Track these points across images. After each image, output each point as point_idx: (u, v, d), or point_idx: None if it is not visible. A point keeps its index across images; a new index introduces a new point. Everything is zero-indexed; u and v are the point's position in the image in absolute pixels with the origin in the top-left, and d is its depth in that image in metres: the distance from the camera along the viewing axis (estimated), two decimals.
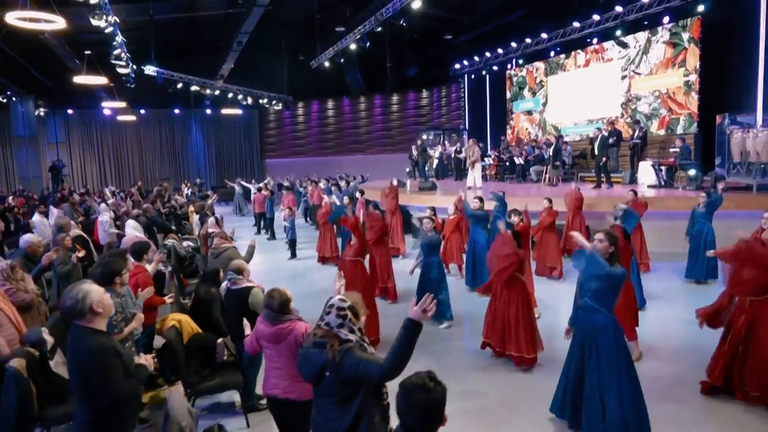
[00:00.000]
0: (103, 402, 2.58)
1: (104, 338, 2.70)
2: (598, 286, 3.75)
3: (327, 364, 2.54)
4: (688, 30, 14.33)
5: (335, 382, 2.55)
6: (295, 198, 15.38)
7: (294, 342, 3.20)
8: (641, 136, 14.01)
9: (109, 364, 2.64)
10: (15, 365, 3.65)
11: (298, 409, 3.22)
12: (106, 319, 2.78)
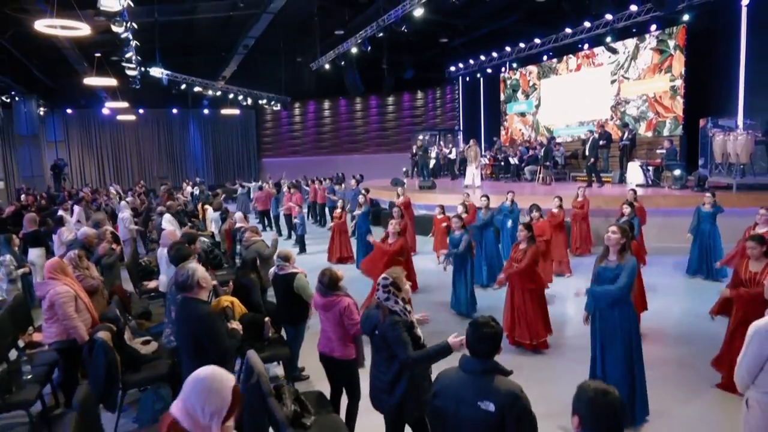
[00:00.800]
0: (212, 357, 3.20)
1: (209, 307, 3.34)
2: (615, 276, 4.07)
3: (377, 324, 3.19)
4: (674, 38, 15.14)
5: (382, 341, 3.19)
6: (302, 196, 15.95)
7: (339, 313, 3.85)
8: (630, 138, 14.80)
9: (216, 327, 3.28)
10: (102, 337, 4.26)
11: (341, 365, 3.89)
12: (208, 292, 3.41)
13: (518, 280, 5.69)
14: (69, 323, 4.44)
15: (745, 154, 10.93)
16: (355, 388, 3.96)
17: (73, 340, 4.53)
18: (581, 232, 10.01)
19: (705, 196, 8.59)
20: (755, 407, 2.86)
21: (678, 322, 6.79)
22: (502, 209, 9.40)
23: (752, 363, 2.81)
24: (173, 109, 30.42)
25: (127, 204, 11.24)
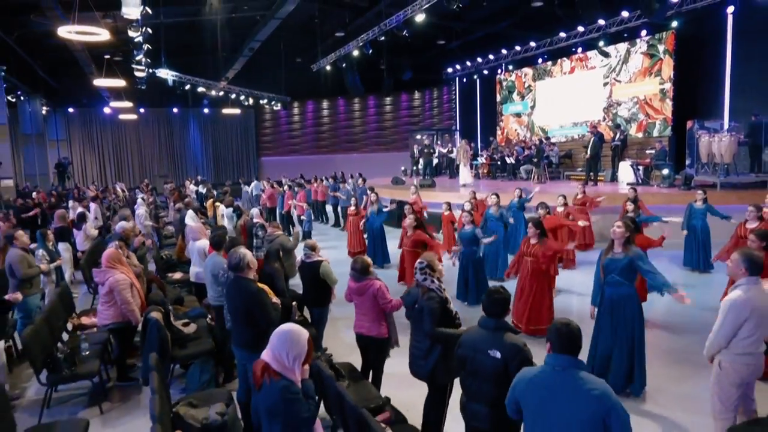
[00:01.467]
0: (262, 325, 3.80)
1: (257, 285, 3.93)
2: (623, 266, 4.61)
3: (418, 299, 3.77)
4: (663, 42, 15.81)
5: (420, 314, 3.77)
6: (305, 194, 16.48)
7: (372, 295, 4.42)
8: (622, 139, 15.46)
9: (265, 301, 3.88)
10: (155, 316, 4.83)
11: (376, 343, 4.47)
12: (254, 272, 4.01)
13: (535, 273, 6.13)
14: (127, 307, 5.01)
15: (728, 154, 11.60)
16: (380, 366, 4.54)
17: (128, 322, 5.10)
18: (584, 228, 10.50)
19: (697, 193, 9.11)
20: (728, 368, 3.46)
21: (675, 312, 7.18)
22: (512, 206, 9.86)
23: (730, 331, 3.41)
24: (174, 109, 30.84)
25: (143, 201, 11.76)
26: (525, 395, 2.48)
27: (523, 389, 2.49)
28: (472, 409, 2.96)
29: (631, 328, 4.65)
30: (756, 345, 3.36)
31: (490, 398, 2.87)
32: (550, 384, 2.40)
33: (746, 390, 3.47)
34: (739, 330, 3.35)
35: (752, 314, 3.31)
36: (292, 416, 2.50)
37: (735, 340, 3.38)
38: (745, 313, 3.32)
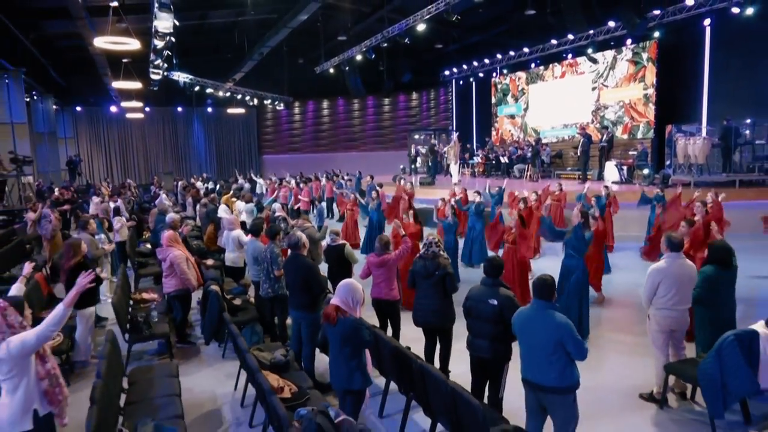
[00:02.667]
0: (315, 291, 4.90)
1: (310, 260, 5.03)
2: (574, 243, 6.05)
3: (438, 268, 4.84)
4: (647, 51, 16.98)
5: (439, 279, 4.85)
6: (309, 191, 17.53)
7: (390, 265, 5.53)
8: (608, 140, 16.62)
9: (317, 272, 4.99)
10: (214, 288, 5.92)
11: (391, 304, 5.58)
12: (307, 251, 5.10)
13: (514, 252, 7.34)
14: (184, 276, 6.09)
15: (702, 155, 12.79)
16: (397, 323, 5.65)
17: (186, 289, 6.19)
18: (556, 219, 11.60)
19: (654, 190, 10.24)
20: (652, 318, 4.62)
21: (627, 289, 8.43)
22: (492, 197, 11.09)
23: (649, 291, 4.56)
24: (178, 108, 31.70)
25: (167, 196, 12.81)
26: (518, 326, 3.60)
27: (517, 322, 3.61)
28: (477, 344, 4.07)
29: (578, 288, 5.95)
30: (672, 302, 4.47)
31: (489, 334, 3.98)
32: (533, 318, 3.51)
33: (674, 338, 4.60)
34: (656, 290, 4.49)
35: (665, 279, 4.44)
36: (359, 340, 3.61)
37: (655, 299, 4.52)
38: (659, 278, 4.47)
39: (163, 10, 10.08)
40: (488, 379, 4.11)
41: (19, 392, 3.07)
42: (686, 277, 4.53)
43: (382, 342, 4.29)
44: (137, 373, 4.64)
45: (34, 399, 3.10)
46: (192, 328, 6.75)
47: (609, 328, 6.69)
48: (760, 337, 4.06)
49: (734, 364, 3.90)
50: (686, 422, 4.38)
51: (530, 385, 3.55)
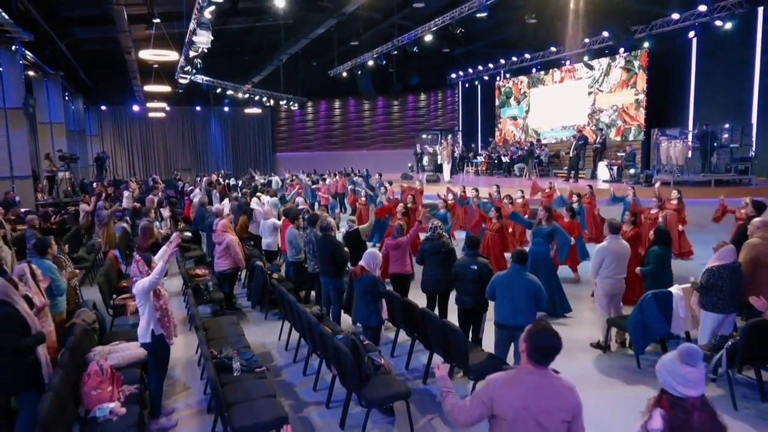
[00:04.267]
0: (339, 262, 6.38)
1: (336, 239, 6.51)
2: (545, 233, 7.40)
3: (443, 246, 6.25)
4: (638, 59, 18.30)
5: (444, 255, 6.27)
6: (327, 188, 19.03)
7: (404, 246, 6.97)
8: (601, 142, 17.97)
9: (342, 248, 6.47)
10: (259, 264, 7.41)
11: (404, 278, 7.01)
12: (335, 231, 6.58)
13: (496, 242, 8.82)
14: (237, 257, 7.57)
15: (682, 157, 14.12)
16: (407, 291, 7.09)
17: (237, 267, 7.68)
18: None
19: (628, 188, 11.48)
20: (598, 285, 6.02)
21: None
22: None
23: (597, 265, 5.94)
24: (197, 107, 33.27)
25: (200, 191, 14.35)
26: (498, 284, 4.99)
27: (497, 281, 5.03)
28: (463, 299, 5.51)
29: (546, 272, 7.21)
30: (613, 273, 5.86)
31: (471, 291, 5.42)
32: (510, 277, 4.93)
33: (614, 301, 6.02)
34: (602, 263, 5.90)
35: (608, 255, 5.85)
36: (376, 291, 5.10)
37: (601, 270, 5.92)
38: (604, 254, 5.87)
39: (202, 28, 11.55)
40: (471, 325, 5.57)
41: (145, 316, 4.54)
42: (623, 253, 5.95)
43: (395, 299, 5.75)
44: (208, 323, 6.13)
45: (151, 322, 4.55)
46: (236, 299, 8.23)
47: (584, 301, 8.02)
48: (673, 297, 5.50)
49: (651, 314, 5.33)
50: (620, 360, 5.81)
51: (506, 327, 4.88)
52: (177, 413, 4.84)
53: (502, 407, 2.51)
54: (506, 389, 2.54)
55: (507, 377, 2.60)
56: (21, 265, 4.66)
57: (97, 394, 4.03)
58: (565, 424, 2.48)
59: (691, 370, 2.34)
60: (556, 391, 2.50)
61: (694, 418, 2.28)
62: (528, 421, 2.47)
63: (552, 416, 2.46)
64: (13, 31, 13.35)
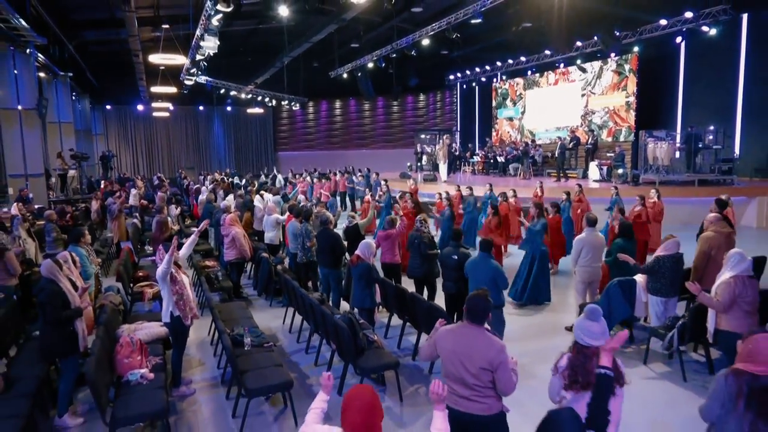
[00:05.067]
0: (338, 252, 7.03)
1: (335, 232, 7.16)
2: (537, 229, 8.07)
3: (422, 240, 6.93)
4: (628, 63, 18.92)
5: (420, 245, 6.93)
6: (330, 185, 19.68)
7: (393, 238, 7.60)
8: (593, 142, 18.59)
9: (340, 239, 7.16)
10: (265, 255, 8.05)
11: (394, 266, 7.65)
12: (333, 224, 7.22)
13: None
14: (242, 248, 8.21)
15: (667, 158, 14.75)
16: (399, 279, 7.74)
17: (243, 257, 8.33)
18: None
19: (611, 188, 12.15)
20: (577, 274, 6.67)
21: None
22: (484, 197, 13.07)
23: (576, 255, 6.59)
24: (200, 107, 33.90)
25: (206, 189, 14.99)
26: (468, 269, 5.68)
27: (468, 266, 5.70)
28: (446, 285, 6.17)
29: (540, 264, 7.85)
30: (589, 261, 6.52)
31: (453, 278, 6.07)
32: (478, 263, 5.60)
33: (591, 287, 6.66)
34: (580, 253, 6.55)
35: (585, 245, 6.50)
36: (370, 277, 5.74)
37: (579, 259, 6.58)
38: (581, 245, 6.53)
39: (210, 34, 12.19)
40: (456, 310, 6.23)
41: (165, 299, 5.18)
42: (598, 244, 6.60)
43: (388, 284, 6.40)
44: (219, 307, 6.77)
45: (170, 305, 5.18)
46: (242, 288, 8.88)
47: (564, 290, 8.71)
48: (637, 284, 6.14)
49: (616, 299, 5.98)
50: None
51: None
52: (194, 384, 5.49)
53: (440, 349, 3.32)
54: (444, 337, 3.31)
55: (449, 329, 3.36)
56: (64, 252, 5.31)
57: (129, 362, 4.67)
58: (486, 372, 3.13)
59: (593, 324, 3.03)
60: (481, 345, 3.17)
61: (592, 362, 2.93)
62: (454, 361, 3.19)
63: (473, 361, 3.14)
64: (28, 36, 13.98)
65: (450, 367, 3.23)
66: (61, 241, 8.85)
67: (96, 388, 3.96)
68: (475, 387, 3.14)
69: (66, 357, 4.61)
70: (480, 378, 3.13)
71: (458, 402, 3.20)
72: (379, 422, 2.29)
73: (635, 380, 5.45)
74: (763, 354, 2.71)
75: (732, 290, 4.54)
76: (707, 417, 2.90)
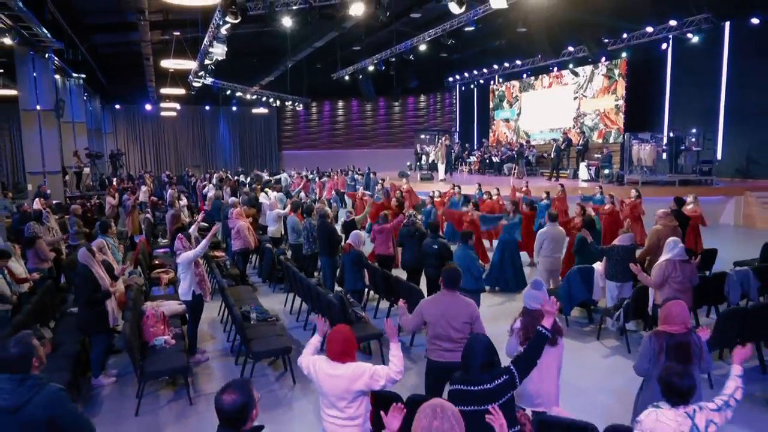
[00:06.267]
0: (333, 242, 7.90)
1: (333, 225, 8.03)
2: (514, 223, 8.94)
3: (417, 230, 7.78)
4: (618, 67, 19.72)
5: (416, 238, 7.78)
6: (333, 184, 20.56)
7: (386, 232, 8.46)
8: (583, 144, 19.40)
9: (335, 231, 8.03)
10: (269, 246, 8.92)
11: (387, 258, 8.50)
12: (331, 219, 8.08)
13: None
14: (247, 239, 9.09)
15: (650, 159, 15.55)
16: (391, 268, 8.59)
17: (247, 248, 9.20)
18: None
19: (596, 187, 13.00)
20: (539, 263, 7.54)
21: None
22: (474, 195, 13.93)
23: (538, 246, 7.47)
24: (206, 106, 34.76)
25: (213, 186, 15.89)
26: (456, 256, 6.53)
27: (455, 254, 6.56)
28: (427, 270, 7.03)
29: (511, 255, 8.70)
30: (551, 252, 7.39)
31: (433, 265, 6.90)
32: (457, 252, 6.46)
33: (553, 275, 7.51)
34: (542, 245, 7.40)
35: (547, 238, 7.36)
36: (360, 262, 6.61)
37: (542, 250, 7.44)
38: (543, 237, 7.40)
39: (218, 42, 13.07)
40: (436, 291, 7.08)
41: (187, 281, 6.05)
42: (559, 237, 7.47)
43: (376, 270, 7.27)
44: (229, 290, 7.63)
45: (193, 284, 6.06)
46: (248, 277, 9.76)
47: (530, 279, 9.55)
48: (595, 271, 6.99)
49: (576, 284, 6.83)
50: None
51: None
52: (207, 354, 6.37)
53: (428, 315, 4.11)
54: (429, 305, 4.17)
55: (431, 299, 4.24)
56: (99, 240, 6.20)
57: (154, 330, 5.55)
58: (467, 325, 3.99)
59: (536, 292, 3.87)
60: (460, 304, 4.06)
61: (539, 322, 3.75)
62: (441, 322, 4.02)
63: (457, 318, 4.00)
64: (48, 41, 14.89)
65: (438, 329, 4.03)
66: (82, 233, 9.75)
67: (131, 348, 4.83)
68: (459, 340, 3.96)
69: (97, 334, 5.48)
70: (463, 331, 3.98)
71: (443, 355, 4.05)
72: (353, 351, 3.16)
73: (590, 353, 6.34)
74: (675, 317, 3.52)
75: (663, 271, 5.39)
76: (639, 372, 3.67)
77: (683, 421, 2.61)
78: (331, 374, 3.10)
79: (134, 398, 5.05)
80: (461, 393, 3.01)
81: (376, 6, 10.98)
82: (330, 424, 3.15)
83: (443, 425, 2.14)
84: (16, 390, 2.56)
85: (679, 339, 3.44)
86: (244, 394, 2.31)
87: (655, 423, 2.63)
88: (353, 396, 3.09)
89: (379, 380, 3.10)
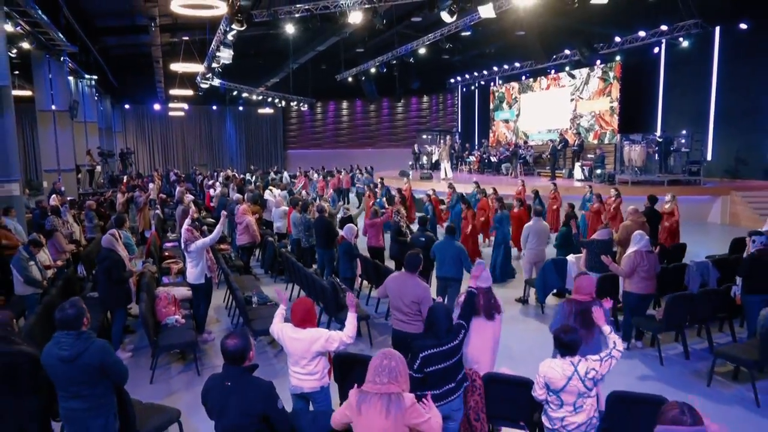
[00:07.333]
0: (332, 236, 8.54)
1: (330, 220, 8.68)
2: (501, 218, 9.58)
3: (398, 226, 8.45)
4: (612, 70, 20.26)
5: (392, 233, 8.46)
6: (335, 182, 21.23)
7: (378, 226, 9.10)
8: (579, 144, 19.94)
9: (332, 225, 8.65)
10: (271, 239, 9.59)
11: (378, 249, 9.14)
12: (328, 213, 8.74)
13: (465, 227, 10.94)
14: (254, 233, 9.77)
15: (640, 160, 16.10)
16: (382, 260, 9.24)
17: (253, 241, 9.88)
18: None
19: (587, 186, 13.58)
20: (525, 255, 8.15)
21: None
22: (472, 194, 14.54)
23: (524, 239, 8.08)
24: (213, 106, 35.48)
25: (218, 183, 16.60)
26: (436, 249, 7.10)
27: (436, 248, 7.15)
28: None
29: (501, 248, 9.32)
30: (535, 245, 8.00)
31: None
32: (443, 245, 7.03)
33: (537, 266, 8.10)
34: (527, 238, 8.02)
35: (532, 231, 7.98)
36: (352, 253, 7.25)
37: (527, 244, 8.05)
38: (528, 231, 8.01)
39: (225, 47, 13.75)
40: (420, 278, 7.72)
41: (198, 267, 6.70)
42: (542, 231, 8.09)
43: (368, 260, 7.92)
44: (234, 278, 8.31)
45: (205, 269, 6.72)
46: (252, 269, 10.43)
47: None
48: (568, 262, 7.61)
49: (550, 275, 7.45)
50: (533, 309, 7.92)
51: (441, 278, 6.97)
52: (214, 334, 7.04)
53: (388, 289, 4.86)
54: (390, 281, 4.88)
55: (393, 276, 4.97)
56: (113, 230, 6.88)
57: (166, 311, 6.23)
58: (414, 304, 4.64)
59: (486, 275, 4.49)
60: (412, 284, 4.72)
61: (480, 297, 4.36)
62: (396, 296, 4.73)
63: (407, 297, 4.66)
64: (63, 45, 15.63)
65: (394, 301, 4.78)
66: (99, 226, 10.46)
67: (146, 324, 5.51)
68: (409, 314, 4.64)
69: (121, 307, 6.17)
70: (411, 308, 4.62)
71: (399, 324, 4.75)
72: (313, 319, 3.86)
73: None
74: (583, 288, 4.24)
75: (632, 261, 6.03)
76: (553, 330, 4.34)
77: (567, 368, 3.29)
78: (294, 337, 3.79)
79: (149, 369, 5.72)
80: (433, 356, 3.55)
81: (372, 15, 11.61)
82: (293, 377, 3.87)
83: (390, 362, 2.79)
84: (74, 343, 3.26)
85: (585, 306, 4.17)
86: (243, 339, 2.99)
87: (548, 369, 3.36)
88: (312, 355, 3.79)
89: (333, 343, 3.78)
